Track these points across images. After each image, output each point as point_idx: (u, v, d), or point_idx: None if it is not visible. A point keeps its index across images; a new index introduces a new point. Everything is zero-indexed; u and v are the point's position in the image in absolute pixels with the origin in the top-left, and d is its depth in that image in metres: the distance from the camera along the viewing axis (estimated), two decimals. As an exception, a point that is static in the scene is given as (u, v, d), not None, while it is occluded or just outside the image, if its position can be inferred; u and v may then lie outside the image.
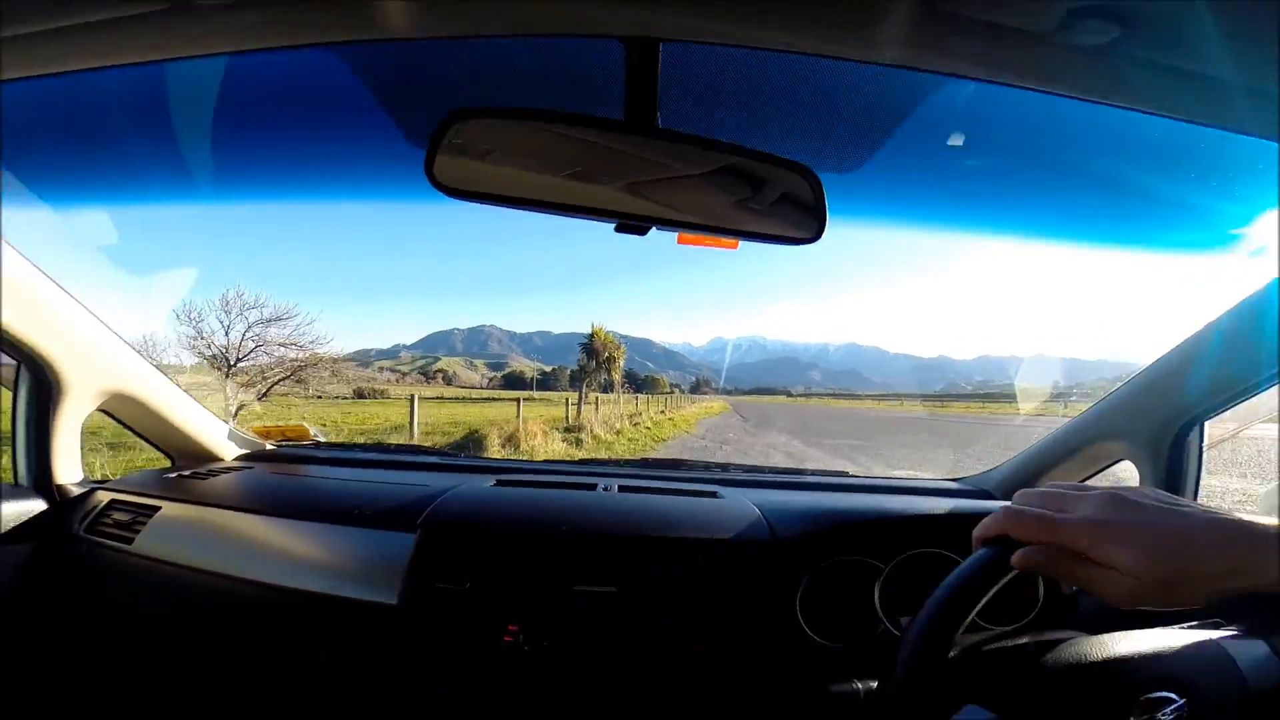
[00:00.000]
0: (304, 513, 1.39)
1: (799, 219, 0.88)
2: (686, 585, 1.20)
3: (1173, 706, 0.72)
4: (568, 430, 16.50)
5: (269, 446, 1.85)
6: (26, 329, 1.33)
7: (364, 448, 2.08)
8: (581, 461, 1.93)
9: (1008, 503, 0.71)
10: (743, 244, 0.93)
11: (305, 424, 1.88)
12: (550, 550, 1.23)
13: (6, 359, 1.43)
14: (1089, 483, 1.69)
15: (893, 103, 0.97)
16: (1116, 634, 0.80)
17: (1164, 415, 1.40)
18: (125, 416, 1.63)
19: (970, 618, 0.77)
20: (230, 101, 1.07)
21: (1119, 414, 1.52)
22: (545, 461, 1.93)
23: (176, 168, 1.33)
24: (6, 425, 1.48)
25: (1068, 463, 1.67)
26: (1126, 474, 1.56)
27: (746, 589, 1.22)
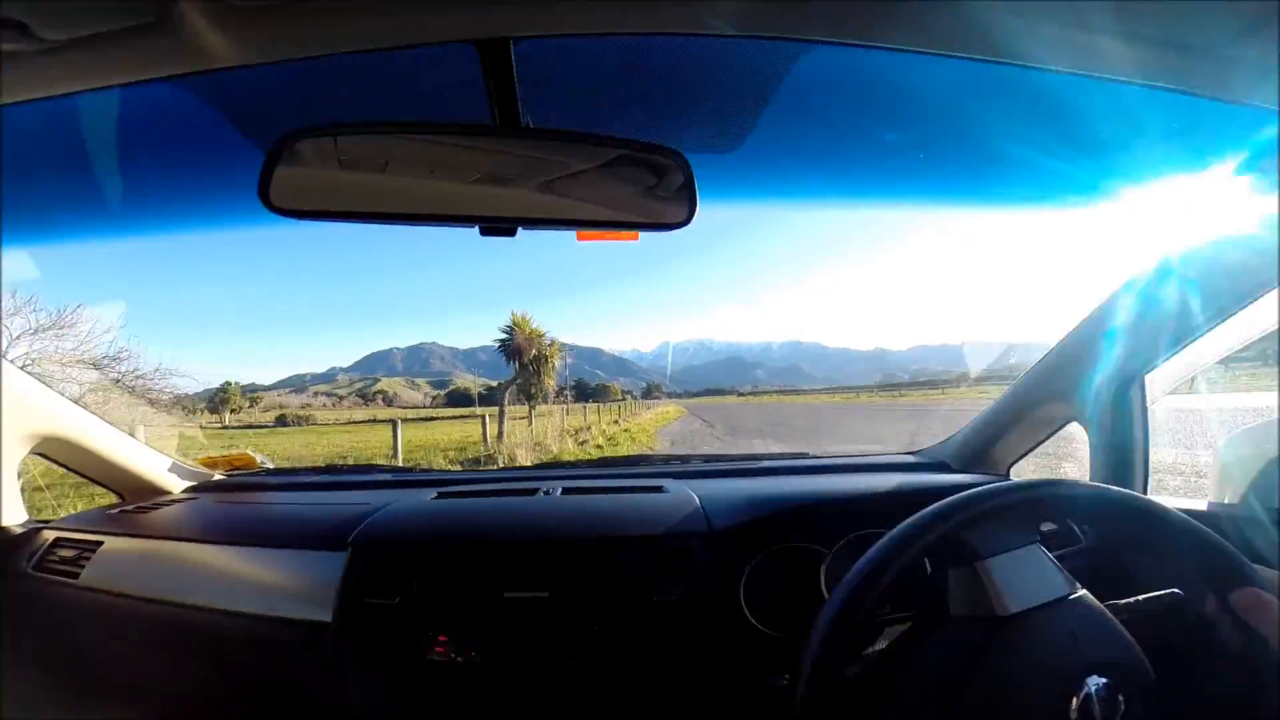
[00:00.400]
0: (243, 538, 1.39)
1: (671, 203, 0.88)
2: (620, 584, 1.19)
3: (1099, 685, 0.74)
4: (475, 464, 12.18)
5: (216, 477, 1.85)
6: None
7: (313, 470, 2.08)
8: (535, 466, 1.92)
9: (972, 481, 0.73)
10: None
11: (251, 452, 1.87)
12: (482, 559, 1.22)
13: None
14: (1041, 447, 1.70)
15: (757, 75, 0.95)
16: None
17: (1102, 372, 1.38)
18: (62, 458, 1.62)
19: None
20: (78, 141, 1.06)
21: (1058, 375, 1.51)
22: (494, 470, 1.94)
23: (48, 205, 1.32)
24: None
25: (1019, 428, 1.67)
26: (1076, 435, 1.55)
27: (683, 583, 1.20)
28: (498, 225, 0.84)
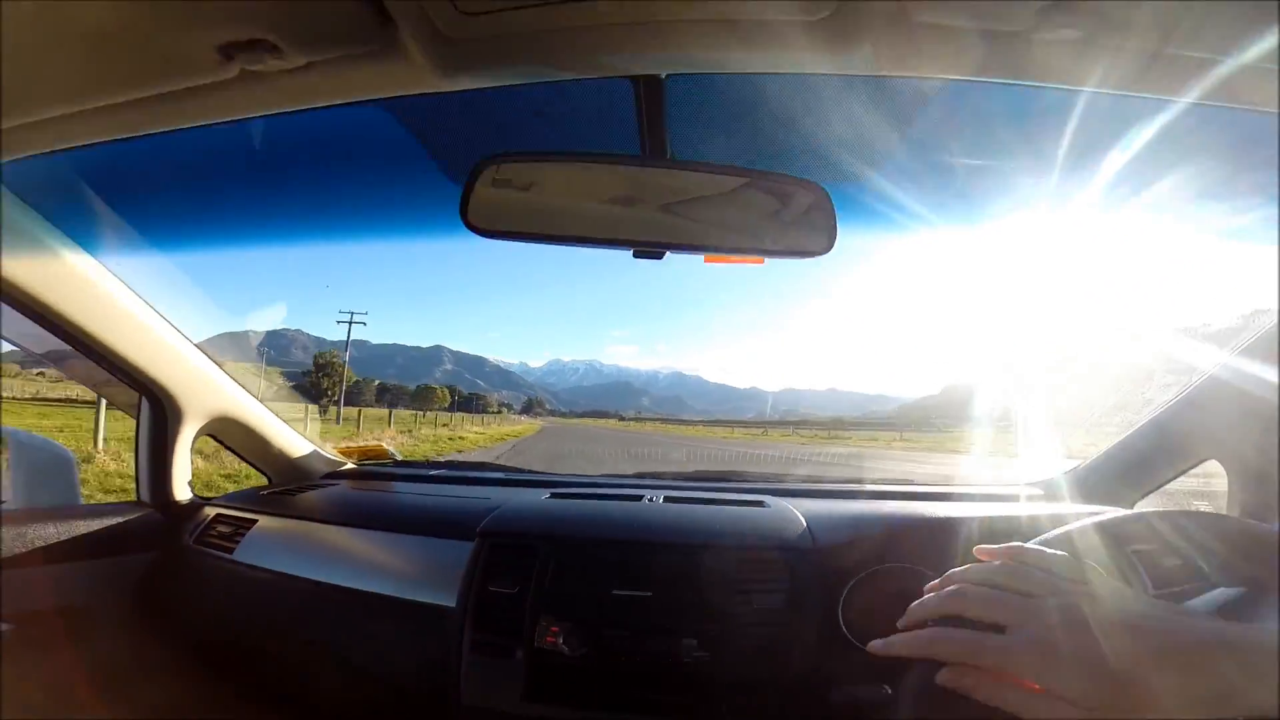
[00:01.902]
0: (380, 524, 1.53)
1: (810, 233, 0.92)
2: (720, 589, 1.22)
3: None
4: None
5: (351, 465, 2.03)
6: (145, 363, 1.54)
7: (436, 465, 2.28)
8: (635, 475, 1.99)
9: (1082, 511, 0.69)
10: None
11: (383, 444, 2.04)
12: (594, 557, 1.30)
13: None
14: (1173, 485, 1.60)
15: (889, 113, 0.99)
16: None
17: (1257, 408, 1.29)
18: (228, 439, 1.82)
19: None
20: (281, 158, 1.22)
21: (1205, 407, 1.42)
22: (599, 475, 2.02)
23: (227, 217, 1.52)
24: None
25: (1148, 463, 1.58)
26: (1214, 474, 1.45)
27: (783, 592, 1.23)
28: (649, 249, 0.91)
